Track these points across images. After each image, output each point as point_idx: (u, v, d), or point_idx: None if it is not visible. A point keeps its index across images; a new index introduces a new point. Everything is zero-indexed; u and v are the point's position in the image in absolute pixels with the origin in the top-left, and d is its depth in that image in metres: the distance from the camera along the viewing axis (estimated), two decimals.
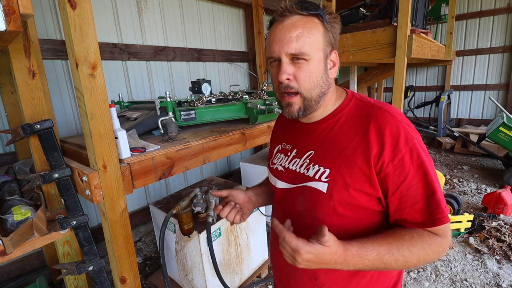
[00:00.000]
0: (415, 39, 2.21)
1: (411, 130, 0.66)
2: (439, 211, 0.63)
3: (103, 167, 1.08)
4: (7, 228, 1.03)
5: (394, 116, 0.66)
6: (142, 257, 2.32)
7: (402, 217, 0.66)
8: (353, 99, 0.75)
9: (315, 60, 0.67)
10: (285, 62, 0.67)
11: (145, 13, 2.55)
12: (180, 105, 1.76)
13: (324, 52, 0.69)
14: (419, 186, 0.64)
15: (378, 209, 0.70)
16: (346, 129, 0.71)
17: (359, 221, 0.70)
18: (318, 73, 0.68)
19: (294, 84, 0.68)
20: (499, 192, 2.54)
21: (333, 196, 0.68)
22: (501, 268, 1.99)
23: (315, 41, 0.66)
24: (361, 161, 0.65)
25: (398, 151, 0.63)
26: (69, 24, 0.92)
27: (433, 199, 0.63)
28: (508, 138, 3.16)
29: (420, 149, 0.64)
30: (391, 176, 0.64)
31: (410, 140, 0.64)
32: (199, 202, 1.56)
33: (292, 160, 0.80)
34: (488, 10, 4.52)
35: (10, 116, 1.66)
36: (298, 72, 0.68)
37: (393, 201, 0.66)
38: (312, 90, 0.69)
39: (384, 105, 0.70)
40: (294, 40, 0.65)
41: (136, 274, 1.24)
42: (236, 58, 3.51)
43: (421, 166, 0.63)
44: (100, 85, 1.02)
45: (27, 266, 1.98)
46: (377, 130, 0.65)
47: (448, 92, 4.37)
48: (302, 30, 0.65)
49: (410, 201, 0.64)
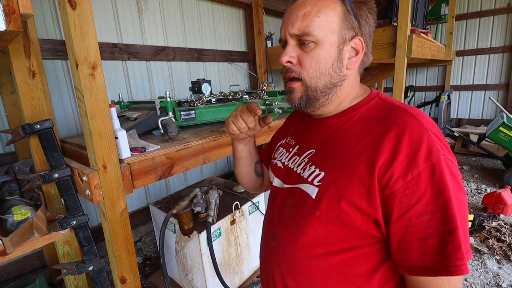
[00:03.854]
0: (415, 39, 2.21)
1: (440, 144, 0.51)
2: (457, 256, 0.47)
3: (103, 167, 1.07)
4: (7, 228, 1.03)
5: (419, 121, 0.53)
6: (142, 257, 2.32)
7: (407, 254, 0.51)
8: (376, 98, 0.63)
9: (326, 44, 0.58)
10: (290, 45, 0.60)
11: (145, 13, 2.55)
12: (180, 105, 1.76)
13: (341, 36, 0.58)
14: (435, 218, 0.48)
15: (376, 234, 0.55)
16: (356, 129, 0.60)
17: (350, 247, 0.57)
18: (327, 60, 0.59)
19: (296, 68, 0.60)
20: (499, 192, 2.54)
21: (320, 205, 0.57)
22: (501, 268, 1.99)
23: (327, 21, 0.57)
24: (362, 169, 0.53)
25: (415, 165, 0.49)
26: (69, 24, 0.92)
27: (452, 238, 0.47)
28: (508, 138, 3.16)
29: (446, 169, 0.49)
30: (398, 196, 0.50)
31: (435, 154, 0.49)
32: (199, 202, 1.56)
33: (292, 157, 0.72)
34: (488, 10, 4.52)
35: (10, 116, 1.66)
36: (303, 56, 0.59)
37: (396, 230, 0.52)
38: (318, 78, 0.60)
39: (411, 108, 0.57)
40: (299, 19, 0.57)
41: (136, 274, 1.24)
42: (236, 58, 3.51)
43: (443, 192, 0.48)
44: (100, 85, 1.02)
45: (27, 266, 1.97)
46: (393, 134, 0.53)
47: (448, 92, 4.36)
48: (310, 8, 0.57)
49: (421, 233, 0.49)
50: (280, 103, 1.83)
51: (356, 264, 0.58)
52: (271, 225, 0.72)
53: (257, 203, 1.86)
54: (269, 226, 0.74)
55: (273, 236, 0.69)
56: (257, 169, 0.94)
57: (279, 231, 0.67)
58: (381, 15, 2.51)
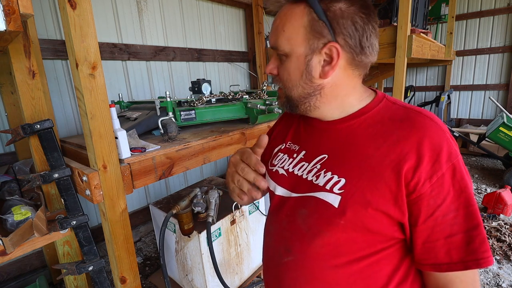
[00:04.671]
0: (415, 39, 2.21)
1: (455, 146, 0.54)
2: (484, 249, 0.50)
3: (103, 167, 1.08)
4: (7, 228, 1.03)
5: (437, 125, 0.54)
6: (142, 257, 2.32)
7: (432, 253, 0.53)
8: (384, 100, 0.62)
9: (293, 57, 0.59)
10: (273, 56, 0.63)
11: (145, 13, 2.55)
12: (180, 105, 1.76)
13: (308, 46, 0.57)
14: (459, 215, 0.51)
15: (399, 236, 0.56)
16: (372, 133, 0.58)
17: (373, 251, 0.57)
18: (296, 72, 0.59)
19: (276, 78, 0.64)
20: (499, 192, 2.54)
21: (346, 213, 0.55)
22: (501, 268, 1.99)
23: (292, 33, 0.57)
24: (388, 174, 0.53)
25: (439, 167, 0.51)
26: (69, 24, 0.92)
27: (477, 233, 0.50)
28: (508, 138, 3.16)
29: (463, 169, 0.52)
30: (426, 198, 0.51)
31: (454, 155, 0.52)
32: (199, 202, 1.56)
33: (298, 164, 0.68)
34: (488, 10, 4.51)
35: (10, 116, 1.66)
36: (280, 67, 0.62)
37: (422, 231, 0.53)
38: (291, 89, 0.62)
39: (425, 111, 0.58)
40: (272, 32, 0.61)
41: (136, 274, 1.24)
42: (236, 58, 3.51)
43: (464, 190, 0.51)
44: (100, 85, 1.02)
45: (27, 266, 1.97)
46: (415, 138, 0.53)
47: (448, 92, 4.37)
48: (279, 22, 0.59)
49: (446, 231, 0.51)
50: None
51: (380, 266, 0.58)
52: (282, 238, 0.67)
53: (257, 203, 1.86)
54: (278, 239, 0.68)
55: (286, 250, 0.65)
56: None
57: (294, 244, 0.63)
58: (381, 15, 2.51)
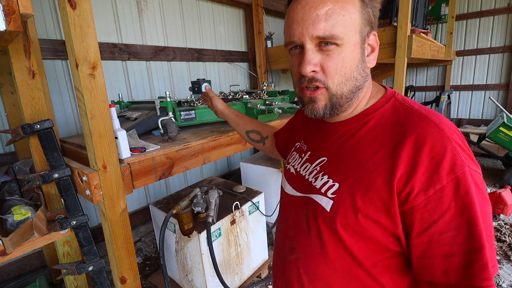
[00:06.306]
0: (415, 39, 2.21)
1: (464, 154, 0.47)
2: (483, 277, 0.44)
3: (103, 167, 1.07)
4: (7, 228, 1.03)
5: (441, 130, 0.49)
6: (142, 257, 2.32)
7: (429, 270, 0.49)
8: (392, 99, 0.58)
9: (350, 45, 0.52)
10: (310, 50, 0.52)
11: (145, 13, 2.54)
12: (180, 105, 1.76)
13: (362, 34, 0.53)
14: (460, 234, 0.45)
15: (394, 248, 0.53)
16: (372, 137, 0.55)
17: (370, 258, 0.55)
18: (353, 62, 0.54)
19: (320, 76, 0.54)
20: (499, 192, 2.54)
21: (336, 218, 0.55)
22: (501, 268, 1.99)
23: (350, 19, 0.51)
24: (380, 182, 0.50)
25: (438, 178, 0.46)
26: (69, 24, 0.92)
27: (478, 257, 0.45)
28: (508, 138, 3.16)
29: (471, 183, 0.45)
30: (419, 211, 0.47)
31: (459, 167, 0.45)
32: (199, 202, 1.56)
33: (304, 164, 0.68)
34: (488, 10, 4.51)
35: (10, 116, 1.65)
36: (327, 61, 0.53)
37: (417, 245, 0.49)
38: (344, 84, 0.54)
39: (432, 114, 0.52)
40: (322, 19, 0.50)
41: (136, 274, 1.24)
42: (236, 58, 3.51)
43: (468, 207, 0.45)
44: (100, 85, 1.02)
45: (27, 266, 1.97)
46: (412, 145, 0.48)
47: (448, 92, 4.36)
48: (333, 6, 0.50)
49: (444, 249, 0.47)
50: (280, 103, 1.83)
51: (378, 280, 0.56)
52: (288, 236, 0.68)
53: (257, 203, 1.86)
54: (285, 236, 0.70)
55: (291, 248, 0.66)
56: (251, 137, 1.03)
57: (298, 244, 0.64)
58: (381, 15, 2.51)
